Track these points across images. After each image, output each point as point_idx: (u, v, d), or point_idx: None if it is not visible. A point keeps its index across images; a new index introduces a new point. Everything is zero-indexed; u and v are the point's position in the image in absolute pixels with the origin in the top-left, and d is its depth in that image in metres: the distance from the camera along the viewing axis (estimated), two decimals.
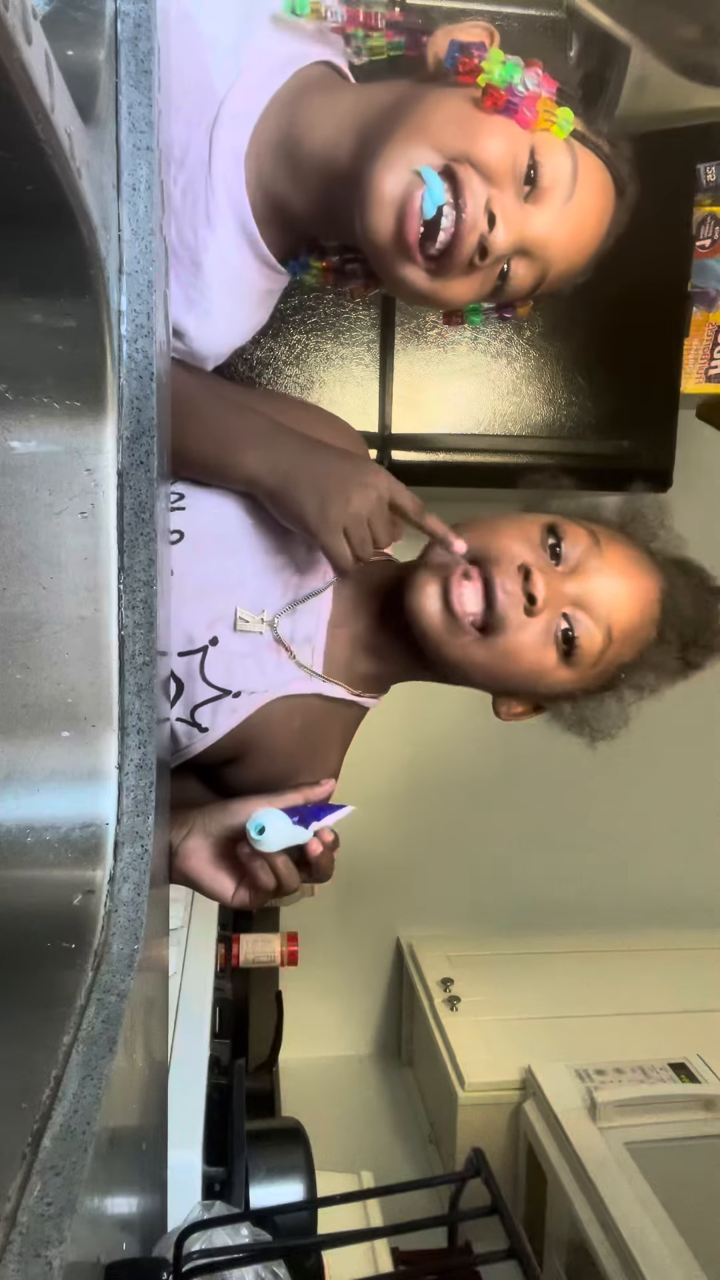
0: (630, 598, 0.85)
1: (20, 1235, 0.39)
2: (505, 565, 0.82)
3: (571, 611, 0.83)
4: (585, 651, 0.83)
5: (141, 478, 0.62)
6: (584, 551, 0.85)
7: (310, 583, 0.90)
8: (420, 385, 1.77)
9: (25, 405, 0.57)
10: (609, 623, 0.84)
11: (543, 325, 1.80)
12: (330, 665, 0.90)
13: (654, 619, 0.87)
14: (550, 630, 0.83)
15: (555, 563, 0.84)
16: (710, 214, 1.89)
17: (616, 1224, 1.60)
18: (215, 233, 0.84)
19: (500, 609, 0.81)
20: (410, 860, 2.55)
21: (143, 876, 0.63)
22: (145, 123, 0.62)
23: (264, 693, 0.87)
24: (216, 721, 0.86)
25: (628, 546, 0.88)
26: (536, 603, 0.80)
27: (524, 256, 0.81)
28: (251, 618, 0.87)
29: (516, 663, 0.83)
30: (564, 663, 0.84)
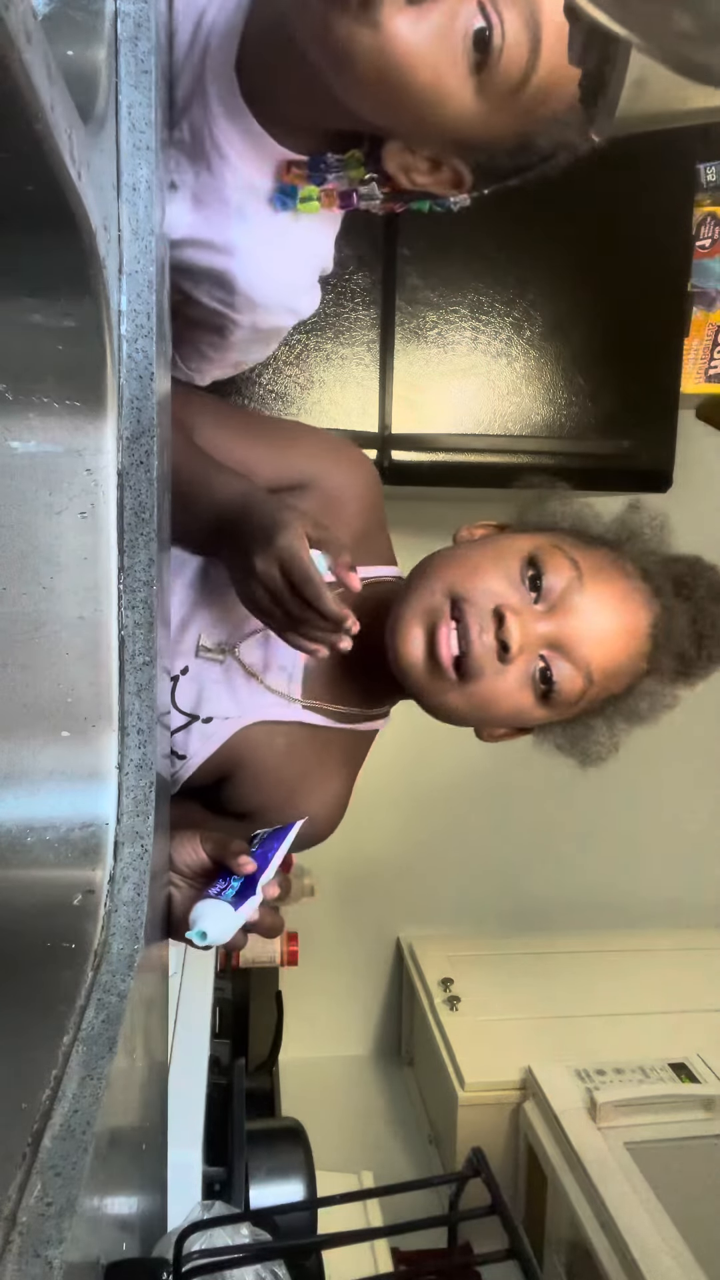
0: (614, 637, 0.81)
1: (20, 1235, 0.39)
2: (481, 607, 0.79)
3: (549, 654, 0.80)
4: (563, 694, 0.80)
5: (141, 478, 0.62)
6: (566, 586, 0.80)
7: None
8: (420, 385, 1.77)
9: (25, 405, 0.57)
10: (589, 664, 0.80)
11: (543, 325, 1.80)
12: (313, 691, 0.89)
13: (643, 653, 0.83)
14: (527, 673, 0.80)
15: (535, 597, 0.81)
16: (710, 214, 1.89)
17: (616, 1224, 1.60)
18: (228, 160, 0.82)
19: (475, 658, 0.79)
20: (410, 860, 2.55)
21: (143, 876, 0.63)
22: (145, 123, 0.62)
23: (237, 718, 0.86)
24: (191, 747, 0.86)
25: (615, 579, 0.83)
26: (510, 650, 0.78)
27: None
28: (214, 645, 0.87)
29: (495, 708, 0.82)
30: (542, 704, 0.81)
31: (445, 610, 0.79)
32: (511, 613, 0.78)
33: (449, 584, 0.81)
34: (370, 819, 2.37)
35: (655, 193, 1.78)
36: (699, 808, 2.56)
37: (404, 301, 1.73)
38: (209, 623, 0.87)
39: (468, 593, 0.80)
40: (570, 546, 0.83)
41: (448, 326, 1.76)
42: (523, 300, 1.78)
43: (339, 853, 2.53)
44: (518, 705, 0.81)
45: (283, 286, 0.89)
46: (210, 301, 0.87)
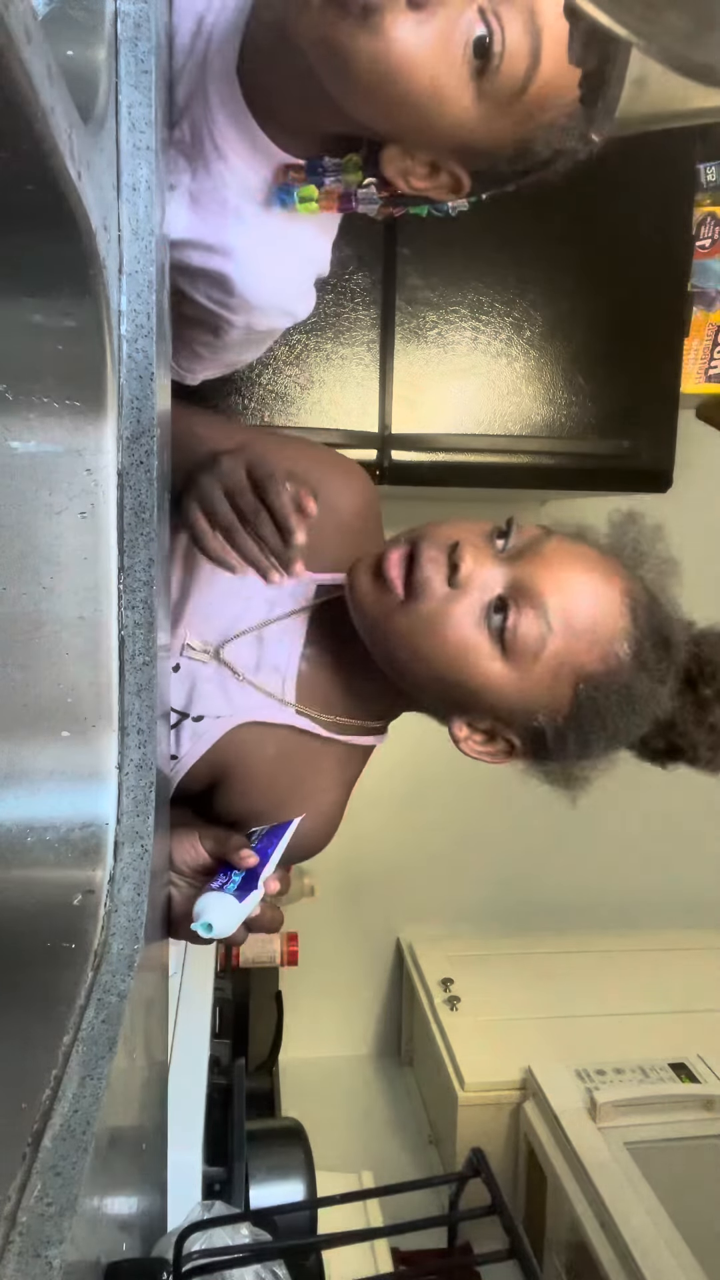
0: (580, 587, 0.76)
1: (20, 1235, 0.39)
2: (435, 539, 0.77)
3: (508, 595, 0.75)
4: (520, 638, 0.74)
5: (141, 478, 0.62)
6: (530, 540, 0.78)
7: (278, 612, 0.88)
8: (420, 385, 1.77)
9: (25, 405, 0.57)
10: (549, 608, 0.75)
11: (543, 325, 1.80)
12: (306, 697, 0.87)
13: (620, 627, 0.77)
14: (479, 609, 0.75)
15: (501, 545, 0.78)
16: (710, 214, 1.89)
17: (616, 1224, 1.60)
18: (228, 161, 0.82)
19: (421, 574, 0.75)
20: (410, 860, 2.55)
21: (143, 876, 0.63)
22: (145, 123, 0.62)
23: (228, 717, 0.85)
24: (183, 747, 0.85)
25: (587, 547, 0.80)
26: (460, 572, 0.74)
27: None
28: (199, 645, 0.86)
29: (440, 636, 0.76)
30: (499, 651, 0.75)
31: (401, 545, 0.78)
32: (468, 545, 0.76)
33: (413, 531, 0.79)
34: (370, 819, 2.37)
35: (655, 193, 1.78)
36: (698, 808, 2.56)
37: (404, 301, 1.73)
38: (196, 621, 0.87)
39: (426, 532, 0.78)
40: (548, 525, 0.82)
41: (448, 326, 1.76)
42: (523, 300, 1.78)
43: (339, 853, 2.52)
44: (468, 641, 0.76)
45: (279, 289, 0.89)
46: (206, 301, 0.87)
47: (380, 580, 0.77)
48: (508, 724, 0.81)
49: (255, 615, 0.88)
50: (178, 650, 0.86)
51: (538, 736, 0.80)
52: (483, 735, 0.83)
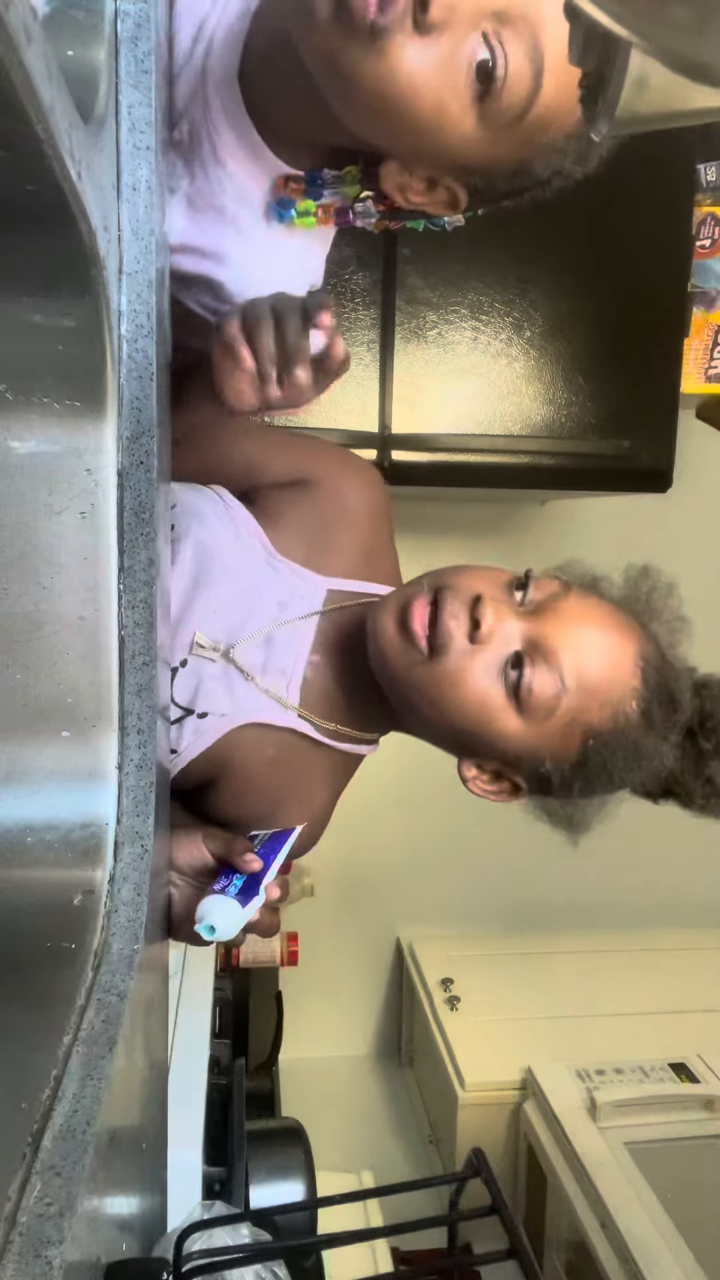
0: (594, 647, 0.78)
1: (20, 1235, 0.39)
2: (458, 591, 0.79)
3: (525, 651, 0.77)
4: (535, 695, 0.76)
5: (141, 478, 0.62)
6: (549, 595, 0.80)
7: (288, 615, 0.88)
8: (420, 385, 1.77)
9: (25, 405, 0.57)
10: (564, 667, 0.77)
11: (543, 325, 1.80)
12: (308, 701, 0.87)
13: (631, 686, 0.78)
14: (498, 665, 0.77)
15: (520, 598, 0.80)
16: (710, 214, 1.89)
17: (616, 1224, 1.60)
18: (226, 168, 0.82)
19: (444, 630, 0.77)
20: (410, 860, 2.55)
21: (143, 876, 0.63)
22: (145, 123, 0.62)
23: (231, 716, 0.85)
24: (183, 743, 0.85)
25: (604, 606, 0.82)
26: (481, 629, 0.76)
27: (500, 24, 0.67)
28: (208, 643, 0.86)
29: (459, 691, 0.78)
30: (514, 706, 0.77)
31: (424, 594, 0.79)
32: (490, 599, 0.78)
33: (435, 578, 0.81)
34: (370, 819, 2.37)
35: (655, 193, 1.78)
36: None
37: (404, 301, 1.73)
38: (206, 619, 0.87)
39: (449, 583, 0.80)
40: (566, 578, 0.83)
41: (448, 326, 1.76)
42: (523, 300, 1.78)
43: (339, 853, 2.53)
44: (486, 696, 0.78)
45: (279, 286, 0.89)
46: (197, 307, 0.87)
47: (405, 631, 0.78)
48: (515, 768, 0.83)
49: (266, 616, 0.88)
50: (186, 647, 0.86)
51: (543, 781, 0.82)
52: (490, 775, 0.85)
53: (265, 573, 0.89)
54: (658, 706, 0.80)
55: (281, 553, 0.89)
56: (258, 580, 0.88)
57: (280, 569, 0.89)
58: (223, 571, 0.88)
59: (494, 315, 1.78)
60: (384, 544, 0.96)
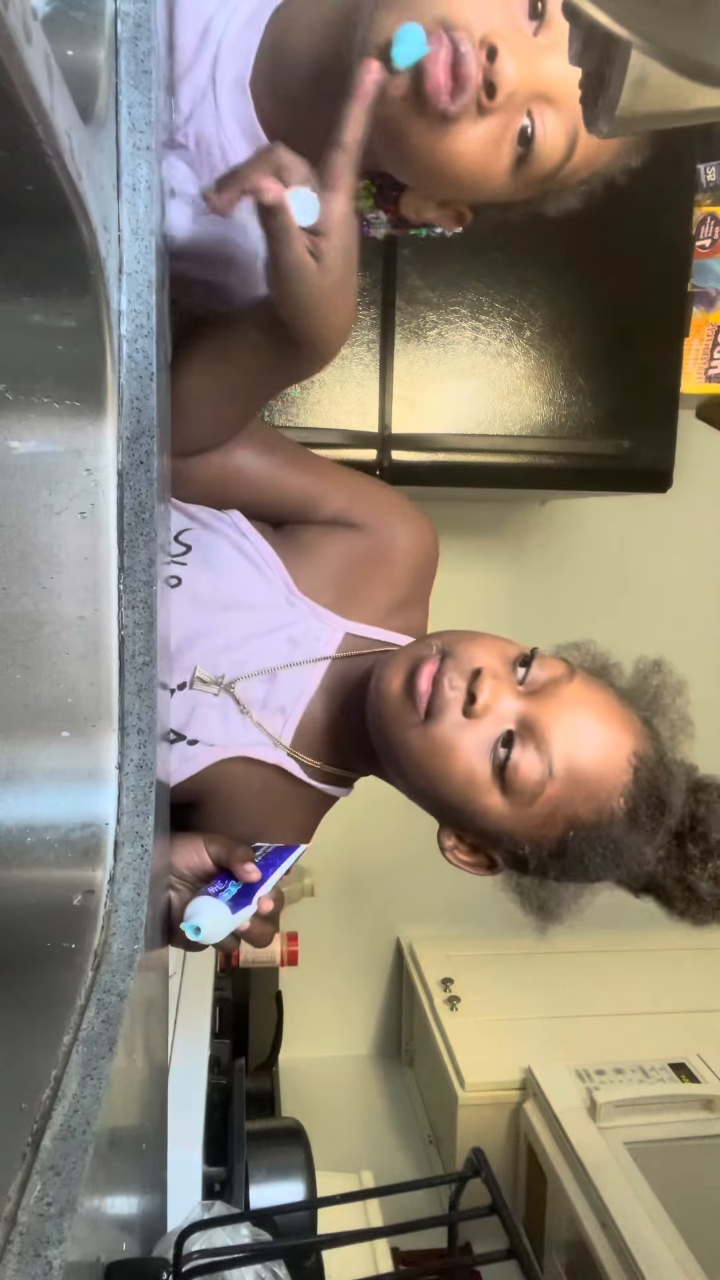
0: (589, 737, 0.76)
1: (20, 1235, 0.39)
2: (461, 661, 0.77)
3: (516, 729, 0.76)
4: (521, 777, 0.75)
5: (141, 478, 0.62)
6: (551, 678, 0.78)
7: (299, 654, 0.87)
8: (420, 385, 1.77)
9: (25, 405, 0.57)
10: (554, 753, 0.75)
11: (543, 325, 1.80)
12: (301, 741, 0.87)
13: (621, 783, 0.76)
14: (489, 741, 0.76)
15: (521, 676, 0.78)
16: (710, 214, 1.89)
17: (616, 1224, 1.60)
18: None
19: (441, 698, 0.76)
20: (410, 860, 2.54)
21: (143, 876, 0.63)
22: (145, 123, 0.62)
23: (222, 747, 0.85)
24: (170, 767, 0.83)
25: (608, 694, 0.80)
26: (476, 703, 0.75)
27: (546, 104, 0.74)
28: (208, 678, 0.85)
29: (446, 761, 0.76)
30: (498, 785, 0.76)
31: (433, 657, 0.78)
32: (490, 674, 0.77)
33: (445, 642, 0.80)
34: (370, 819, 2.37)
35: (655, 193, 1.78)
36: None
37: (404, 301, 1.73)
38: (212, 650, 0.86)
39: (457, 651, 0.79)
40: (574, 661, 0.82)
41: (448, 326, 1.76)
42: (523, 300, 1.78)
43: (339, 853, 2.53)
44: (472, 770, 0.76)
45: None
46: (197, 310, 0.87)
47: (408, 690, 0.77)
48: (493, 846, 0.83)
49: (275, 653, 0.86)
50: (187, 670, 0.85)
51: (520, 862, 0.81)
52: (468, 848, 0.85)
53: (282, 610, 0.88)
54: (645, 806, 0.78)
55: (304, 591, 0.88)
56: (273, 617, 0.87)
57: (299, 607, 0.88)
58: (238, 602, 0.87)
59: (494, 315, 1.78)
60: (420, 597, 0.94)
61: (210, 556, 0.88)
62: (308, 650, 0.87)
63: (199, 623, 0.86)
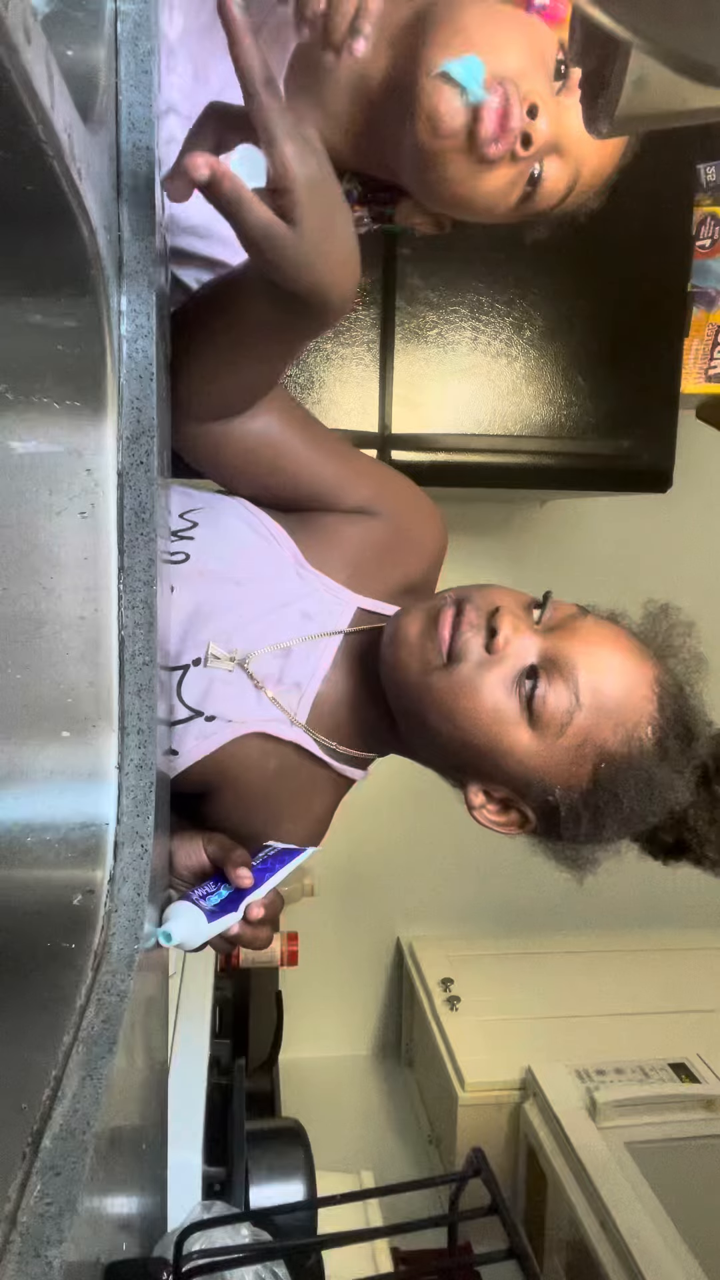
0: (610, 667, 0.77)
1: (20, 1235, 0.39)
2: (479, 603, 0.79)
3: (538, 661, 0.77)
4: (549, 708, 0.75)
5: (141, 478, 0.62)
6: (566, 616, 0.80)
7: (311, 628, 0.87)
8: (420, 385, 1.77)
9: (25, 405, 0.57)
10: (579, 683, 0.76)
11: (543, 325, 1.80)
12: (317, 718, 0.86)
13: (646, 711, 0.77)
14: (512, 676, 0.77)
15: (537, 617, 0.80)
16: (710, 214, 1.89)
17: (616, 1224, 1.60)
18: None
19: (462, 640, 0.77)
20: (410, 860, 2.55)
21: (143, 876, 0.63)
22: (145, 123, 0.62)
23: (239, 723, 0.84)
24: (186, 745, 0.83)
25: (621, 630, 0.81)
26: (497, 637, 0.76)
27: (557, 155, 0.83)
28: (221, 654, 0.84)
29: (473, 701, 0.77)
30: (526, 718, 0.76)
31: (449, 605, 0.79)
32: (507, 612, 0.78)
33: (459, 593, 0.81)
34: (370, 819, 2.37)
35: (655, 193, 1.78)
36: None
37: (404, 301, 1.73)
38: (225, 626, 0.85)
39: (471, 597, 0.80)
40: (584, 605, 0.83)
41: (448, 326, 1.76)
42: (523, 300, 1.78)
43: (339, 853, 2.53)
44: (499, 707, 0.77)
45: None
46: (195, 285, 0.88)
47: (428, 636, 0.78)
48: (523, 795, 0.81)
49: (289, 627, 0.86)
50: (201, 646, 0.84)
51: (552, 812, 0.80)
52: (497, 805, 0.83)
53: (293, 582, 0.88)
54: (673, 737, 0.78)
55: (315, 565, 0.88)
56: (284, 589, 0.87)
57: (309, 580, 0.88)
58: (249, 576, 0.86)
59: (494, 315, 1.78)
60: (429, 585, 0.96)
61: (218, 530, 0.87)
62: (321, 624, 0.87)
63: (210, 598, 0.85)
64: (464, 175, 0.82)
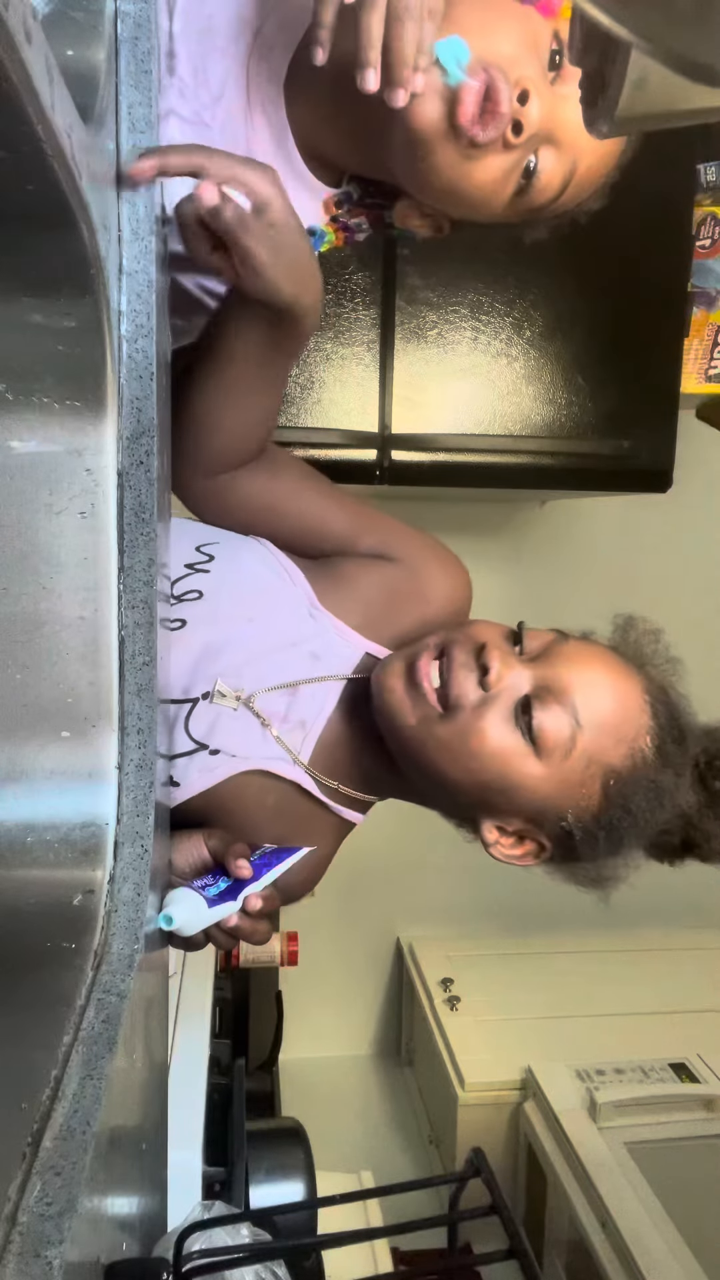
0: (601, 685, 0.79)
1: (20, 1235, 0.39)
2: (464, 643, 0.79)
3: (532, 691, 0.78)
4: (550, 734, 0.76)
5: (141, 478, 0.62)
6: (546, 644, 0.81)
7: (320, 669, 0.87)
8: (420, 385, 1.77)
9: (25, 405, 0.57)
10: (575, 705, 0.77)
11: (543, 325, 1.80)
12: (319, 759, 0.86)
13: (643, 723, 0.79)
14: (510, 706, 0.78)
15: (518, 650, 0.81)
16: (710, 214, 1.89)
17: (616, 1224, 1.60)
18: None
19: (456, 684, 0.78)
20: (410, 860, 2.55)
21: (143, 876, 0.63)
22: (145, 123, 0.62)
23: (242, 759, 0.84)
24: (189, 777, 0.83)
25: (600, 647, 0.83)
26: (490, 674, 0.77)
27: (552, 146, 0.81)
28: (228, 691, 0.84)
29: (478, 743, 0.77)
30: (532, 749, 0.77)
31: (429, 650, 0.80)
32: (494, 647, 0.79)
33: (437, 637, 0.82)
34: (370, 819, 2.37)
35: (655, 193, 1.78)
36: None
37: (404, 301, 1.73)
38: (235, 663, 0.85)
39: (456, 638, 0.80)
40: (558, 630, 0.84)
41: (448, 326, 1.76)
42: (523, 300, 1.78)
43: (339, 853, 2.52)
44: (503, 744, 0.77)
45: None
46: (193, 288, 0.89)
47: (414, 689, 0.79)
48: (538, 825, 0.82)
49: (297, 667, 0.86)
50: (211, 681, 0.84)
51: (568, 836, 0.81)
52: (512, 839, 0.84)
53: (305, 623, 0.88)
54: (671, 742, 0.80)
55: (328, 608, 0.89)
56: (296, 629, 0.87)
57: (321, 621, 0.88)
58: (261, 614, 0.87)
59: (494, 315, 1.78)
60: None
61: (233, 565, 0.88)
62: (328, 666, 0.87)
63: (222, 633, 0.86)
64: (452, 162, 0.80)
